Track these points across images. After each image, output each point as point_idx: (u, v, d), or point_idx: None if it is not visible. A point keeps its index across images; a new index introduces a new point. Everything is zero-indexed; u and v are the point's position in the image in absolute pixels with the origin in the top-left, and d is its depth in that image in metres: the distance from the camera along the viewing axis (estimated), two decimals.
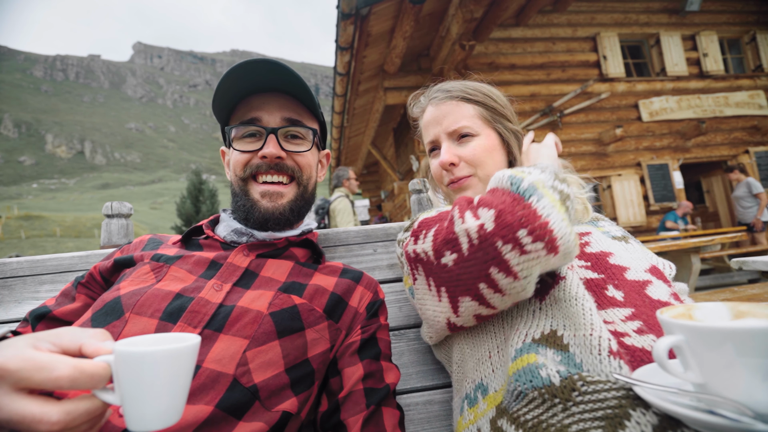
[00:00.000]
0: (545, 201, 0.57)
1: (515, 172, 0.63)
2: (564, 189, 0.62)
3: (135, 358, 0.39)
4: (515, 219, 0.55)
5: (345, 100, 6.63)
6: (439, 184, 0.94)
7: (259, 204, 0.83)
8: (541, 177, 0.61)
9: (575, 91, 6.90)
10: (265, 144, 0.81)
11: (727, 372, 0.38)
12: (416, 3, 4.60)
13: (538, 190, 0.58)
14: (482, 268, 0.59)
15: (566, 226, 0.57)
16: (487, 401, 0.67)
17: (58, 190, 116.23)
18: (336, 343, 0.78)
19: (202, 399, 0.58)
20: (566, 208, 0.60)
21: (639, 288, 0.69)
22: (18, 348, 0.39)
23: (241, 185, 0.84)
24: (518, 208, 0.56)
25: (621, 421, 0.46)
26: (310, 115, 0.90)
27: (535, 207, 0.56)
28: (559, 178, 0.63)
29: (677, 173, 7.44)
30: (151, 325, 0.65)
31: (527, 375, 0.56)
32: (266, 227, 0.84)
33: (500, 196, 0.60)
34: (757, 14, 8.31)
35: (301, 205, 0.88)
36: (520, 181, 0.59)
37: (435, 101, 0.91)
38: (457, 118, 0.87)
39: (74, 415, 0.38)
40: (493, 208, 0.58)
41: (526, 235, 0.55)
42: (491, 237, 0.57)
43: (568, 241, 0.57)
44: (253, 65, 0.79)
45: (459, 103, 0.88)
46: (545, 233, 0.55)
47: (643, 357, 0.55)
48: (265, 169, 0.83)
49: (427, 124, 0.92)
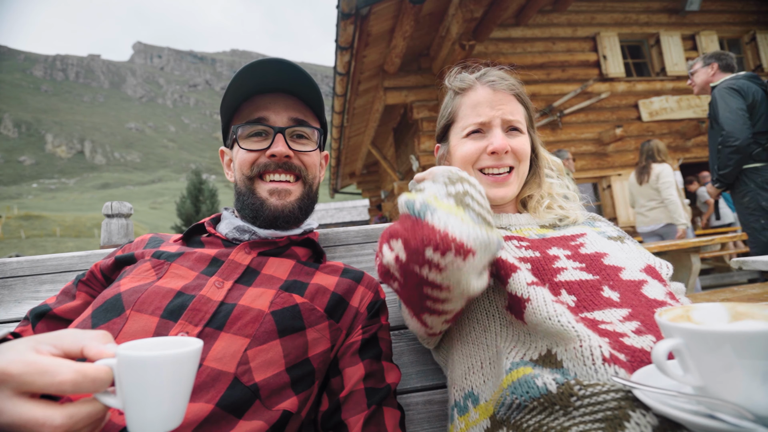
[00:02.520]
0: (439, 213, 0.57)
1: (409, 195, 0.64)
2: (459, 189, 0.63)
3: (138, 363, 0.39)
4: (419, 242, 0.56)
5: (345, 100, 6.63)
6: (465, 166, 0.89)
7: (267, 202, 0.83)
8: (432, 190, 0.63)
9: (575, 91, 6.90)
10: (273, 143, 0.82)
11: (727, 375, 0.38)
12: (416, 3, 4.60)
13: (430, 205, 0.59)
14: (419, 291, 0.62)
15: (470, 226, 0.57)
16: (479, 411, 0.67)
17: (58, 190, 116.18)
18: (337, 342, 0.78)
19: (202, 397, 0.58)
20: (465, 206, 0.60)
21: (635, 288, 0.69)
22: (19, 352, 0.39)
23: (247, 184, 0.84)
24: (418, 230, 0.57)
25: (621, 422, 0.46)
26: (314, 115, 0.91)
27: (432, 223, 0.56)
28: (452, 180, 0.65)
29: (677, 173, 7.44)
30: (151, 322, 0.65)
31: (523, 386, 0.57)
32: (276, 225, 0.85)
33: (403, 222, 0.61)
34: (757, 14, 8.30)
35: (308, 203, 0.88)
36: (413, 204, 0.61)
37: (493, 85, 0.89)
38: (514, 110, 0.89)
39: (77, 418, 0.38)
40: (400, 237, 0.60)
41: (434, 252, 0.55)
42: (408, 265, 0.59)
43: (478, 238, 0.57)
44: (262, 65, 0.79)
45: (516, 98, 0.90)
46: (449, 243, 0.55)
47: (642, 358, 0.55)
48: (273, 168, 0.83)
49: (478, 104, 0.88)
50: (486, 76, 0.91)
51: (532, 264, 0.72)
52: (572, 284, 0.69)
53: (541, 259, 0.74)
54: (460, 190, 0.63)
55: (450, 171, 0.68)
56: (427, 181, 0.69)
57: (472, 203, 0.62)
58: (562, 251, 0.77)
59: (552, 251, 0.77)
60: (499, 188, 0.87)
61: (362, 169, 12.01)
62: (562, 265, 0.73)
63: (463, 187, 0.64)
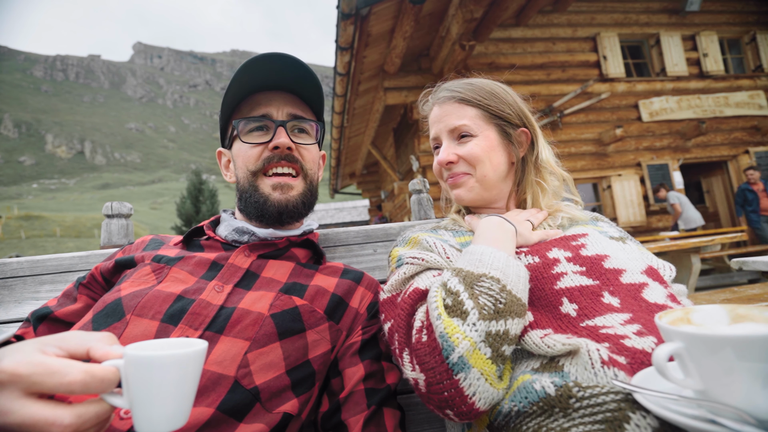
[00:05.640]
0: (473, 375, 0.57)
1: (448, 328, 0.58)
2: (500, 329, 0.59)
3: (145, 363, 0.40)
4: (443, 399, 0.58)
5: (345, 100, 6.63)
6: (439, 180, 0.97)
7: (271, 197, 0.83)
8: (473, 337, 0.57)
9: (575, 91, 6.90)
10: (276, 135, 0.82)
11: (727, 378, 0.38)
12: (416, 3, 4.60)
13: (467, 364, 0.56)
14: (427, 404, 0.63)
15: (491, 392, 0.58)
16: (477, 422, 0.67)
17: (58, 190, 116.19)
18: (337, 344, 0.78)
19: (203, 401, 0.58)
20: (499, 358, 0.59)
21: (635, 292, 0.69)
22: (26, 353, 0.39)
23: (251, 180, 0.84)
24: (446, 385, 0.58)
25: (621, 423, 0.46)
26: (312, 113, 0.92)
27: (462, 386, 0.57)
28: (498, 312, 0.59)
29: (677, 173, 7.44)
30: (152, 327, 0.65)
31: (521, 393, 0.57)
32: (280, 221, 0.85)
33: (431, 353, 0.59)
34: (757, 14, 8.30)
35: (310, 199, 0.89)
36: (450, 351, 0.57)
37: (439, 101, 0.94)
38: (458, 117, 0.89)
39: (85, 417, 0.39)
40: (424, 373, 0.60)
41: (454, 414, 0.59)
42: (428, 398, 0.61)
43: (492, 400, 0.59)
44: (264, 61, 0.80)
45: (460, 103, 0.90)
46: (470, 412, 0.58)
47: (643, 359, 0.55)
48: (276, 161, 0.83)
49: (432, 123, 0.95)
50: (436, 94, 0.96)
51: (531, 272, 0.72)
52: (573, 291, 0.69)
53: (540, 266, 0.73)
54: (500, 330, 0.59)
55: (501, 284, 0.62)
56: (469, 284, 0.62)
57: (507, 350, 0.60)
58: (563, 253, 0.76)
59: (552, 254, 0.76)
60: (453, 190, 0.92)
61: (362, 170, 12.01)
62: (562, 269, 0.73)
63: (505, 325, 0.59)
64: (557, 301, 0.68)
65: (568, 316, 0.66)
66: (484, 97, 0.90)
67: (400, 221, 7.76)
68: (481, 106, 0.89)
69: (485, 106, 0.89)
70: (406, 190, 7.54)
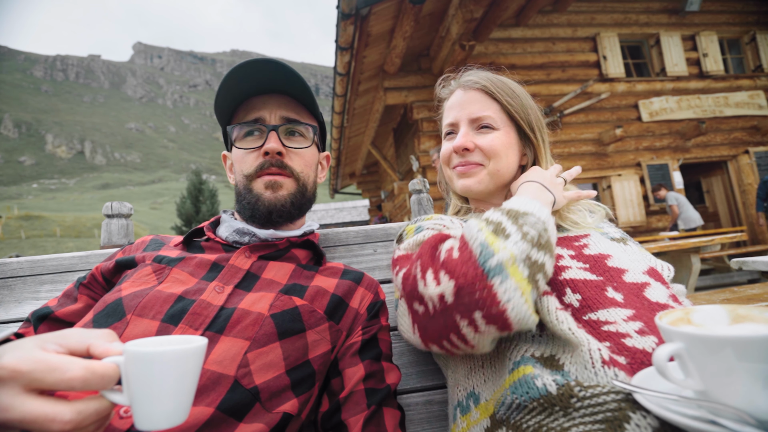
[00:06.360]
0: (509, 284, 0.55)
1: (489, 238, 0.58)
2: (539, 259, 0.59)
3: (145, 358, 0.40)
4: (473, 300, 0.55)
5: (345, 100, 6.63)
6: (444, 166, 0.95)
7: (262, 196, 0.83)
8: (514, 251, 0.57)
9: (575, 91, 6.90)
10: (267, 140, 0.82)
11: (728, 379, 0.38)
12: (416, 3, 4.60)
13: (504, 271, 0.55)
14: (444, 331, 0.61)
15: (526, 309, 0.56)
16: (480, 410, 0.67)
17: (58, 190, 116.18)
18: (337, 344, 0.78)
19: (203, 400, 0.58)
20: (534, 284, 0.58)
21: (638, 290, 0.69)
22: (26, 350, 0.39)
23: (245, 183, 0.85)
24: (479, 287, 0.55)
25: (621, 423, 0.46)
26: (309, 114, 0.92)
27: (496, 291, 0.54)
28: (541, 243, 0.60)
29: (677, 173, 7.44)
30: (152, 327, 0.65)
31: (523, 387, 0.57)
32: (270, 220, 0.85)
33: (464, 263, 0.57)
34: (757, 14, 8.30)
35: (301, 200, 0.88)
36: (489, 256, 0.56)
37: (464, 86, 0.92)
38: (483, 107, 0.88)
39: (85, 414, 0.39)
40: (454, 279, 0.57)
41: (482, 317, 0.56)
42: (451, 310, 0.58)
43: (523, 321, 0.57)
44: (253, 66, 0.80)
45: (486, 95, 0.89)
46: (500, 318, 0.55)
47: (643, 359, 0.55)
48: (267, 167, 0.83)
49: (451, 107, 0.92)
50: (462, 79, 0.94)
51: None
52: (577, 283, 0.69)
53: None
54: (539, 260, 0.59)
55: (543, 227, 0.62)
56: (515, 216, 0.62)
57: (541, 281, 0.60)
58: (566, 251, 0.77)
59: (556, 251, 0.77)
60: (464, 179, 0.90)
61: (362, 170, 12.02)
62: (566, 264, 0.73)
63: (543, 258, 0.60)
64: (561, 291, 0.68)
65: (571, 306, 0.66)
66: (510, 96, 0.90)
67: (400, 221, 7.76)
68: (506, 104, 0.89)
69: (509, 104, 0.89)
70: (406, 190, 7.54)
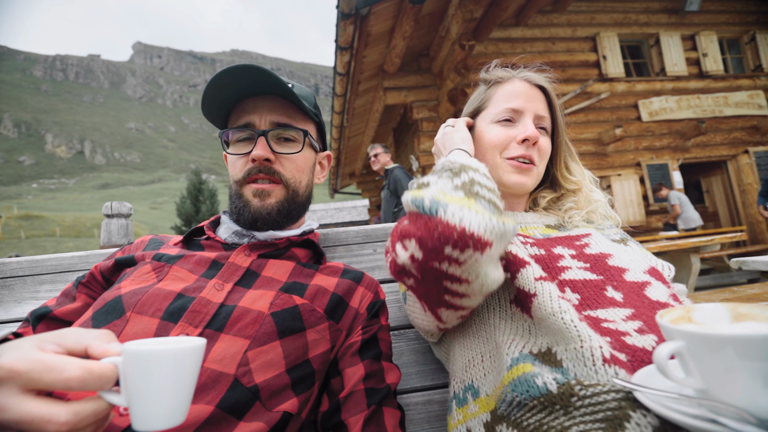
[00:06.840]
0: (452, 208, 0.57)
1: (415, 193, 0.63)
2: (465, 179, 0.62)
3: (144, 358, 0.40)
4: (435, 240, 0.56)
5: (345, 100, 6.63)
6: (493, 152, 0.88)
7: (250, 203, 0.83)
8: (438, 185, 0.62)
9: (575, 91, 6.90)
10: (255, 146, 0.82)
11: (728, 377, 0.38)
12: (416, 3, 4.60)
13: (440, 201, 0.58)
14: (438, 285, 0.62)
15: (485, 217, 0.57)
16: (479, 404, 0.67)
17: (58, 190, 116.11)
18: (337, 343, 0.78)
19: (202, 399, 0.58)
20: (476, 196, 0.60)
21: (638, 289, 0.69)
22: (24, 350, 0.39)
23: (236, 188, 0.86)
24: (433, 228, 0.57)
25: (621, 422, 0.46)
26: (303, 116, 0.89)
27: (446, 219, 0.56)
28: (455, 171, 0.64)
29: (677, 173, 7.44)
30: (152, 324, 0.65)
31: (523, 385, 0.56)
32: (255, 227, 0.85)
33: (414, 221, 0.60)
34: (757, 14, 8.30)
35: (290, 207, 0.87)
36: (421, 201, 0.60)
37: (530, 82, 0.90)
38: (544, 109, 0.90)
39: (82, 415, 0.38)
40: (413, 237, 0.59)
41: (453, 249, 0.56)
42: (426, 263, 0.59)
43: (495, 228, 0.57)
44: (240, 71, 0.77)
45: (545, 99, 0.91)
46: (468, 239, 0.55)
47: (644, 357, 0.55)
48: (255, 173, 0.83)
49: (516, 94, 0.88)
50: (523, 73, 0.93)
51: (537, 261, 0.73)
52: (576, 283, 0.69)
53: (546, 257, 0.74)
54: (466, 179, 0.62)
55: (450, 162, 0.67)
56: (430, 175, 0.67)
57: (481, 191, 0.61)
58: (567, 251, 0.77)
59: (557, 250, 0.77)
60: (520, 175, 0.86)
61: (362, 169, 12.01)
62: (566, 264, 0.73)
63: (468, 176, 0.63)
64: (560, 290, 0.68)
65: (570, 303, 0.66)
66: (560, 111, 0.92)
67: None
68: (557, 118, 0.92)
69: (558, 119, 0.92)
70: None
